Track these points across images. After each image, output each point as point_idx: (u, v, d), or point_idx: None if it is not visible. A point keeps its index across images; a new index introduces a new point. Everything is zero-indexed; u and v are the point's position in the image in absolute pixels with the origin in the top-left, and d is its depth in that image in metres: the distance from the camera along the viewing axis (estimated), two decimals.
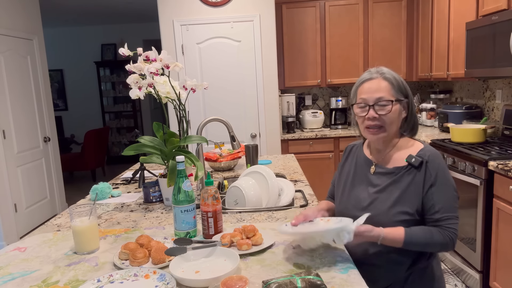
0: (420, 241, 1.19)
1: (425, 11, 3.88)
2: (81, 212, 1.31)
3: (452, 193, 1.22)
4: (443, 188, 1.21)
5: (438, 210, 1.20)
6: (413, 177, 1.24)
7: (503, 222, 2.31)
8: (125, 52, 1.62)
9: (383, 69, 1.29)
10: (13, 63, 4.17)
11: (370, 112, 1.26)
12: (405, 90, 1.28)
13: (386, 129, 1.26)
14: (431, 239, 1.19)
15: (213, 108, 4.02)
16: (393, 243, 1.19)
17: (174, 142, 1.68)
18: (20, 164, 4.19)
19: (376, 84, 1.26)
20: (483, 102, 3.52)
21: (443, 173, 1.23)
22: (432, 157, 1.24)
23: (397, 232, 1.19)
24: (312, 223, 1.26)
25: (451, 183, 1.23)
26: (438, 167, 1.23)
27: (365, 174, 1.36)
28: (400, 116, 1.28)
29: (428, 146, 1.29)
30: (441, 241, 1.19)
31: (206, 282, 1.02)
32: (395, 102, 1.25)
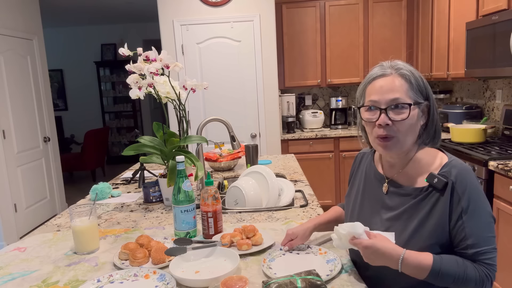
0: (451, 274, 0.93)
1: (425, 11, 3.88)
2: (81, 212, 1.31)
3: (488, 220, 0.97)
4: (476, 216, 0.95)
5: (472, 244, 0.95)
6: (436, 202, 0.99)
7: (503, 222, 2.31)
8: (125, 52, 1.62)
9: (398, 63, 1.05)
10: (13, 63, 4.17)
11: (381, 118, 0.99)
12: (425, 90, 1.02)
13: (400, 140, 1.00)
14: (463, 274, 0.93)
15: (213, 108, 4.02)
16: (417, 270, 0.94)
17: (174, 142, 1.68)
18: (20, 164, 4.19)
19: (390, 82, 1.01)
20: (483, 102, 3.52)
21: (476, 195, 0.96)
22: (460, 177, 0.97)
23: (423, 257, 0.94)
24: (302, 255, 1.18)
25: (485, 207, 0.97)
26: (469, 189, 0.96)
27: (376, 192, 1.11)
28: (418, 122, 1.02)
29: (455, 159, 1.02)
30: (476, 279, 0.94)
31: (206, 282, 1.02)
32: (413, 106, 0.99)
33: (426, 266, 0.93)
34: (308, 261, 1.17)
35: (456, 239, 0.97)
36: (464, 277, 0.93)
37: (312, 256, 1.20)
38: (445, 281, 0.94)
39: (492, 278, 0.96)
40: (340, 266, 1.11)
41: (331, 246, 1.27)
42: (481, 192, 0.98)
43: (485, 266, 0.95)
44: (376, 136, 1.02)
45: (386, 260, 0.94)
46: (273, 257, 1.20)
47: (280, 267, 1.13)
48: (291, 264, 1.15)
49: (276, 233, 1.40)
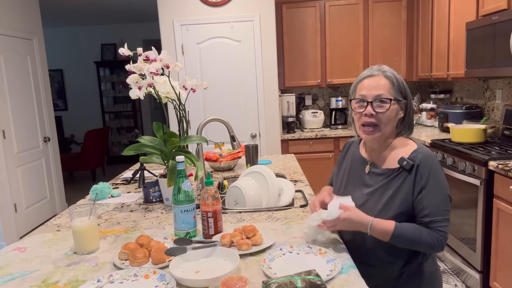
0: (408, 237, 1.18)
1: (425, 11, 3.88)
2: (81, 212, 1.31)
3: (443, 196, 1.21)
4: (434, 192, 1.20)
5: (428, 213, 1.19)
6: (404, 180, 1.23)
7: (503, 222, 2.31)
8: (125, 52, 1.62)
9: (384, 67, 1.28)
10: (13, 63, 4.17)
11: (367, 109, 1.24)
12: (404, 90, 1.27)
13: (381, 129, 1.25)
14: (419, 238, 1.18)
15: (213, 108, 4.02)
16: (382, 234, 1.19)
17: (174, 142, 1.68)
18: (20, 164, 4.19)
19: (376, 81, 1.24)
20: (483, 102, 3.52)
21: (435, 175, 1.21)
22: (423, 160, 1.21)
23: (387, 224, 1.20)
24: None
25: (443, 186, 1.22)
26: (430, 170, 1.21)
27: (359, 173, 1.36)
28: (397, 116, 1.27)
29: (422, 147, 1.26)
30: (429, 242, 1.18)
31: (206, 282, 1.02)
32: (393, 102, 1.23)
33: (389, 231, 1.18)
34: (308, 261, 1.17)
35: (416, 209, 1.22)
36: (419, 240, 1.18)
37: (312, 256, 1.20)
38: (404, 243, 1.19)
39: (443, 243, 1.19)
40: (340, 266, 1.11)
41: (331, 246, 1.27)
42: (441, 175, 1.22)
43: (437, 233, 1.19)
44: (361, 124, 1.28)
45: (359, 226, 1.21)
46: (273, 257, 1.20)
47: (280, 267, 1.13)
48: (291, 264, 1.15)
49: (276, 233, 1.40)
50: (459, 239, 2.77)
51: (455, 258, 2.85)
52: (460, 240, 2.76)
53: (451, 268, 2.94)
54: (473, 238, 2.59)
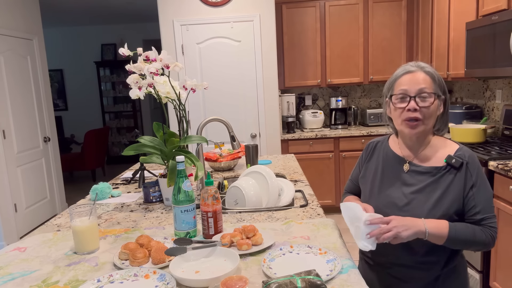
0: (463, 238, 1.17)
1: (425, 11, 3.88)
2: (81, 212, 1.31)
3: (490, 193, 1.23)
4: (483, 189, 1.21)
5: (479, 211, 1.19)
6: (453, 178, 1.22)
7: (503, 222, 2.31)
8: (125, 52, 1.62)
9: (421, 63, 1.26)
10: (13, 63, 4.17)
11: (411, 103, 1.21)
12: (443, 86, 1.26)
13: (424, 123, 1.22)
14: (473, 237, 1.17)
15: (213, 108, 4.02)
16: (437, 239, 1.17)
17: (174, 142, 1.68)
18: (20, 164, 4.19)
19: (417, 76, 1.23)
20: (483, 102, 3.52)
21: (482, 173, 1.23)
22: (471, 158, 1.23)
23: (441, 225, 1.17)
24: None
25: (488, 184, 1.24)
26: (478, 167, 1.22)
27: (396, 172, 1.31)
28: (437, 111, 1.25)
29: (464, 146, 1.27)
30: (483, 240, 1.18)
31: (206, 282, 1.02)
32: (436, 96, 1.22)
33: (444, 234, 1.16)
34: (308, 261, 1.17)
35: (467, 207, 1.21)
36: (473, 239, 1.17)
37: (312, 256, 1.20)
38: (459, 244, 1.18)
39: (495, 238, 1.19)
40: (340, 266, 1.11)
41: (331, 246, 1.27)
42: (484, 174, 1.23)
43: (490, 229, 1.19)
44: (404, 119, 1.24)
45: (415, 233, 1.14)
46: (273, 257, 1.20)
47: (280, 267, 1.13)
48: (291, 264, 1.15)
49: (276, 233, 1.40)
50: None
51: None
52: None
53: None
54: None
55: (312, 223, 1.48)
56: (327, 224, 1.47)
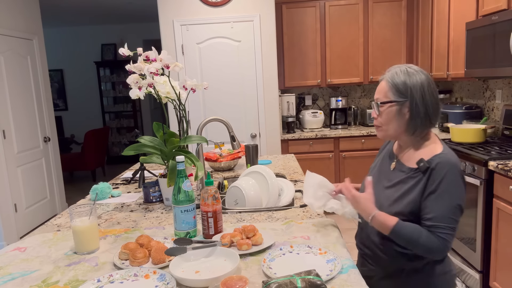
0: (407, 236, 1.20)
1: (425, 11, 3.88)
2: (81, 212, 1.31)
3: (451, 205, 1.19)
4: (442, 198, 1.19)
5: (431, 217, 1.20)
6: (418, 181, 1.25)
7: (503, 222, 2.31)
8: (125, 52, 1.62)
9: (390, 69, 1.31)
10: (13, 63, 4.17)
11: (373, 112, 1.34)
12: (406, 90, 1.24)
13: (383, 129, 1.31)
14: (417, 239, 1.19)
15: (213, 108, 4.02)
16: (382, 226, 1.24)
17: (174, 142, 1.68)
18: (20, 164, 4.19)
19: (379, 86, 1.31)
20: (483, 102, 3.52)
21: (447, 183, 1.19)
22: (439, 166, 1.21)
23: (390, 218, 1.24)
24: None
25: (454, 195, 1.20)
26: (443, 176, 1.20)
27: (387, 167, 1.40)
28: (398, 116, 1.27)
29: (447, 153, 1.24)
30: (426, 245, 1.18)
31: (206, 282, 1.02)
32: (390, 104, 1.27)
33: (390, 225, 1.22)
34: (308, 261, 1.17)
35: (422, 211, 1.23)
36: (417, 241, 1.19)
37: (312, 256, 1.20)
38: (402, 240, 1.22)
39: (442, 250, 1.19)
40: (340, 266, 1.11)
41: (331, 246, 1.27)
42: (455, 184, 1.20)
43: (437, 238, 1.18)
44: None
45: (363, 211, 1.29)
46: (273, 257, 1.20)
47: (280, 267, 1.13)
48: (291, 264, 1.15)
49: (276, 233, 1.40)
50: (459, 239, 2.77)
51: (455, 258, 2.85)
52: (460, 240, 2.76)
53: None
54: (473, 238, 2.59)
55: (312, 223, 1.48)
56: (327, 224, 1.47)
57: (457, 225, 1.20)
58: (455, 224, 1.19)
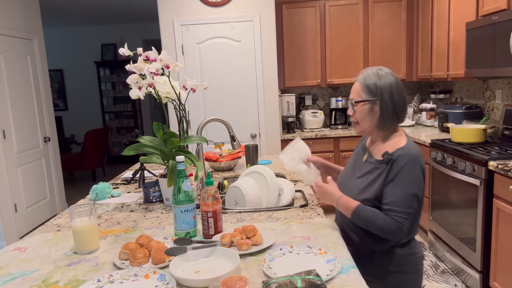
0: (365, 217, 1.35)
1: (425, 11, 3.88)
2: (81, 212, 1.31)
3: (407, 193, 1.32)
4: (399, 186, 1.33)
5: (388, 202, 1.34)
6: (382, 171, 1.39)
7: (503, 222, 2.32)
8: (125, 52, 1.62)
9: (363, 71, 1.46)
10: (13, 63, 4.17)
11: (348, 110, 1.49)
12: (376, 90, 1.40)
13: (360, 125, 1.46)
14: (374, 220, 1.33)
15: (213, 108, 4.02)
16: (345, 209, 1.40)
17: (174, 142, 1.68)
18: (20, 164, 4.19)
19: (353, 87, 1.46)
20: (483, 102, 3.52)
21: (406, 173, 1.33)
22: (400, 158, 1.35)
23: (352, 202, 1.39)
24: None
25: (411, 184, 1.33)
26: (403, 166, 1.34)
27: (360, 159, 1.54)
28: (371, 113, 1.42)
29: (410, 147, 1.38)
30: (382, 226, 1.32)
31: (206, 282, 1.02)
32: (363, 103, 1.42)
33: (351, 207, 1.38)
34: (308, 261, 1.17)
35: (382, 197, 1.37)
36: (374, 222, 1.33)
37: (312, 256, 1.20)
38: (361, 222, 1.37)
39: (397, 232, 1.32)
40: (340, 266, 1.11)
41: (331, 246, 1.27)
42: (413, 174, 1.34)
43: (392, 221, 1.31)
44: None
45: (329, 198, 1.47)
46: (273, 257, 1.20)
47: (280, 267, 1.13)
48: (291, 264, 1.15)
49: (276, 233, 1.40)
50: (459, 239, 2.77)
51: (455, 258, 2.85)
52: (460, 240, 2.76)
53: (451, 268, 2.94)
54: (473, 238, 2.59)
55: (312, 223, 1.48)
56: (327, 224, 1.47)
57: (413, 211, 1.33)
58: (411, 210, 1.32)
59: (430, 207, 3.23)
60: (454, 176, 2.74)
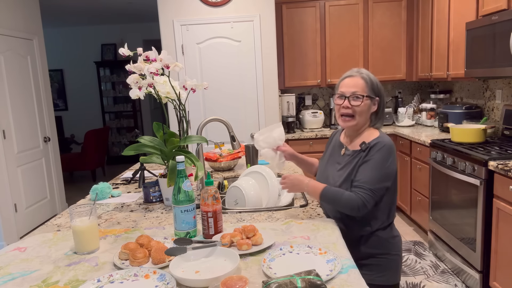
0: (332, 196, 1.48)
1: (425, 11, 3.88)
2: (81, 212, 1.31)
3: (377, 174, 1.45)
4: (371, 167, 1.46)
5: (357, 179, 1.47)
6: (360, 158, 1.51)
7: (503, 222, 2.32)
8: (125, 52, 1.62)
9: (362, 70, 1.56)
10: (13, 63, 4.17)
11: (345, 102, 1.54)
12: (377, 90, 1.55)
13: (356, 118, 1.53)
14: (340, 197, 1.46)
15: (213, 108, 4.02)
16: (314, 193, 1.53)
17: (174, 142, 1.68)
18: (20, 164, 4.19)
19: (354, 81, 1.53)
20: (483, 102, 3.52)
21: (379, 157, 1.47)
22: (376, 145, 1.48)
23: (319, 185, 1.53)
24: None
25: (382, 167, 1.45)
26: (377, 152, 1.47)
27: (338, 155, 1.64)
28: (369, 110, 1.54)
29: (383, 137, 1.52)
30: (347, 201, 1.45)
31: (206, 282, 1.02)
32: (366, 98, 1.52)
33: (318, 190, 1.51)
34: (308, 261, 1.17)
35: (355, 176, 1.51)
36: (340, 199, 1.47)
37: (312, 256, 1.20)
38: (329, 201, 1.50)
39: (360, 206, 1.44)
40: (340, 266, 1.11)
41: (331, 246, 1.27)
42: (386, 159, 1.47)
43: (356, 196, 1.44)
44: (340, 114, 1.58)
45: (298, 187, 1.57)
46: (273, 257, 1.20)
47: (280, 267, 1.13)
48: (291, 264, 1.15)
49: (276, 233, 1.40)
50: (459, 239, 2.77)
51: (455, 258, 2.85)
52: (460, 240, 2.76)
53: (451, 268, 2.94)
54: (473, 238, 2.59)
55: (312, 223, 1.48)
56: (327, 224, 1.47)
57: (378, 193, 1.45)
58: (377, 189, 1.45)
59: (430, 207, 3.23)
60: (454, 176, 2.74)
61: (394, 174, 1.50)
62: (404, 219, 4.05)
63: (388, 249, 1.56)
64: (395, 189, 1.53)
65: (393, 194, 1.53)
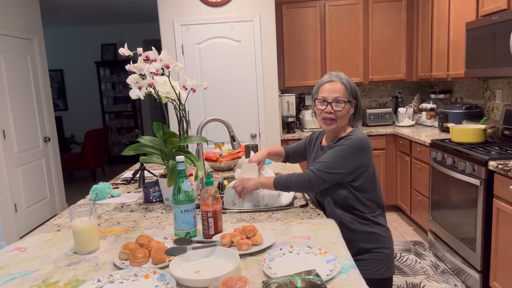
0: (283, 181, 1.60)
1: (425, 11, 3.88)
2: (81, 212, 1.31)
3: (334, 161, 1.53)
4: (331, 154, 1.55)
5: (316, 162, 1.58)
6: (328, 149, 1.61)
7: (503, 222, 2.32)
8: (125, 52, 1.62)
9: (341, 74, 1.63)
10: (13, 63, 4.17)
11: (328, 108, 1.60)
12: (355, 93, 1.63)
13: (337, 122, 1.61)
14: (290, 178, 1.58)
15: (213, 108, 4.02)
16: (268, 185, 1.63)
17: (174, 142, 1.68)
18: (20, 164, 4.19)
19: (335, 86, 1.60)
20: (483, 102, 3.52)
21: (342, 147, 1.54)
22: (346, 138, 1.56)
23: (269, 178, 1.64)
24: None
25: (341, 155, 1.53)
26: (343, 143, 1.55)
27: (319, 156, 1.71)
28: (349, 112, 1.64)
29: (356, 131, 1.60)
30: (297, 179, 1.56)
31: (206, 282, 1.02)
32: (347, 103, 1.60)
33: (270, 182, 1.63)
34: (308, 261, 1.17)
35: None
36: (290, 180, 1.59)
37: (312, 256, 1.20)
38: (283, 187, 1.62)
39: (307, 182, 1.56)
40: (340, 266, 1.11)
41: (331, 246, 1.27)
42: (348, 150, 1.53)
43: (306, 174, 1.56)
44: (322, 118, 1.64)
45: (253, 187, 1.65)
46: (273, 257, 1.20)
47: (280, 267, 1.13)
48: (291, 264, 1.15)
49: (276, 233, 1.40)
50: (459, 239, 2.77)
51: (455, 258, 2.85)
52: (460, 240, 2.76)
53: (451, 268, 2.94)
54: (473, 238, 2.59)
55: (312, 223, 1.48)
56: (327, 224, 1.47)
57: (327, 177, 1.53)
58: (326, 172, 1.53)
59: (430, 207, 3.23)
60: (454, 176, 2.74)
61: (358, 168, 1.54)
62: (404, 219, 4.05)
63: (381, 243, 1.61)
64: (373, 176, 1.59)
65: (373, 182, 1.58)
